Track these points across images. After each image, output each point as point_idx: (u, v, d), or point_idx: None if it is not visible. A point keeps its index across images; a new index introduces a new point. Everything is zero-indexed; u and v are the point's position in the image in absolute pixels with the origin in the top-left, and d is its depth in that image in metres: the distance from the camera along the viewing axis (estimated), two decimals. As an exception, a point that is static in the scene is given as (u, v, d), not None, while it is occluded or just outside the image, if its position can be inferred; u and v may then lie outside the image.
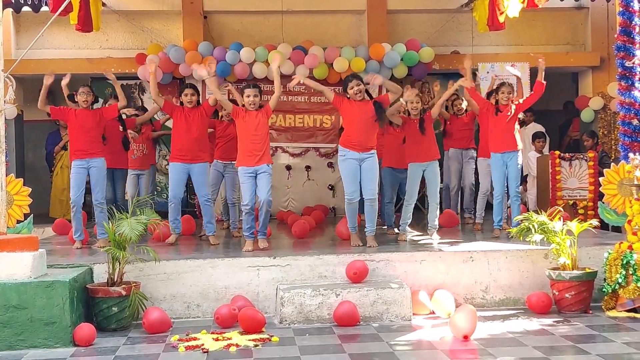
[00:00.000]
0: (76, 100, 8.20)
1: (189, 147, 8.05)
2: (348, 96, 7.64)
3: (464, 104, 9.90)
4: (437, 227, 8.26)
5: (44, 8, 10.73)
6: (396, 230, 8.91)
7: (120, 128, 9.21)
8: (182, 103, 8.20)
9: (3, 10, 6.56)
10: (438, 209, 8.29)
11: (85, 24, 10.42)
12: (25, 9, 11.27)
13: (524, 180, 11.38)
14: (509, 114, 8.27)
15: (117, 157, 9.15)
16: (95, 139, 8.05)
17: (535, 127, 11.91)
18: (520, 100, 8.47)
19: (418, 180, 8.24)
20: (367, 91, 7.68)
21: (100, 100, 9.85)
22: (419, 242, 8.03)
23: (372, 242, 7.55)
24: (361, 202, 7.79)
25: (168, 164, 8.45)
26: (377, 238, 7.68)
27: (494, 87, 8.78)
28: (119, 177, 9.41)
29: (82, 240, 8.14)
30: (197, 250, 7.89)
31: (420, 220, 9.78)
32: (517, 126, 8.40)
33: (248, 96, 7.67)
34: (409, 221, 8.31)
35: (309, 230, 8.89)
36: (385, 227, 9.09)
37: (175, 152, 8.14)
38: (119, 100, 8.20)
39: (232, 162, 9.02)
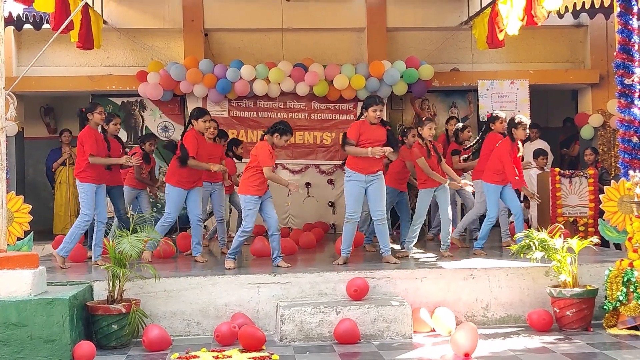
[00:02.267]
0: (89, 118, 8.13)
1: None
2: (365, 115, 7.65)
3: (459, 125, 10.00)
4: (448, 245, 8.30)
5: (45, 26, 10.80)
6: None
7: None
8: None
9: (4, 27, 6.58)
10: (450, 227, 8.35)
11: (87, 42, 10.45)
12: (27, 26, 11.34)
13: (525, 198, 11.36)
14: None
15: (114, 175, 9.05)
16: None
17: (540, 143, 11.90)
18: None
19: (428, 203, 8.34)
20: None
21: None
22: (419, 260, 8.01)
23: (391, 259, 7.57)
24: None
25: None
26: (375, 256, 7.66)
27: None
28: (119, 194, 9.34)
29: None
30: (197, 267, 7.86)
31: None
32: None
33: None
34: (415, 240, 8.32)
35: (297, 250, 8.98)
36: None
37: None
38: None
39: (219, 182, 9.17)
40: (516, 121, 8.44)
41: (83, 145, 7.92)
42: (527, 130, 8.51)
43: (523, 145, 8.87)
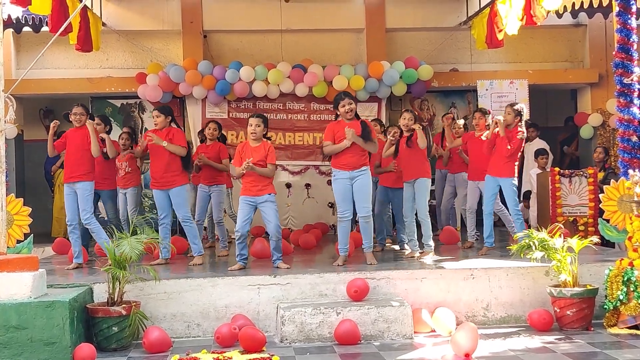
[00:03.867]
0: (70, 120, 8.13)
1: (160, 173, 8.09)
2: (338, 114, 7.65)
3: (460, 122, 10.05)
4: (432, 246, 8.19)
5: (45, 28, 10.80)
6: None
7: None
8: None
9: (4, 30, 6.58)
10: (430, 227, 8.23)
11: (85, 44, 10.46)
12: (26, 29, 11.35)
13: (525, 197, 11.36)
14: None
15: (102, 178, 9.03)
16: (81, 160, 7.98)
17: (539, 143, 11.90)
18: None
19: (410, 197, 8.22)
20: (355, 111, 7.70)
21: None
22: (419, 260, 8.00)
23: (371, 259, 7.55)
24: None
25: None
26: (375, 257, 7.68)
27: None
28: (106, 197, 9.34)
29: (81, 262, 8.10)
30: (197, 269, 7.83)
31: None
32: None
33: (250, 125, 7.72)
34: (415, 237, 8.25)
35: (292, 250, 9.05)
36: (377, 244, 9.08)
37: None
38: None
39: (217, 184, 9.17)
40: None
41: None
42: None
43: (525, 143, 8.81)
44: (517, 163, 8.30)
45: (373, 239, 9.30)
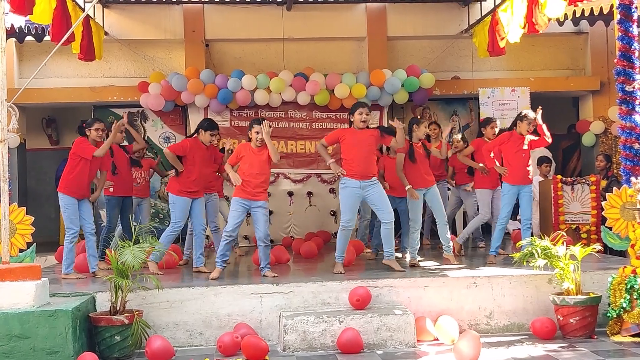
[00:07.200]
0: (86, 133, 7.98)
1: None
2: (352, 121, 7.65)
3: (458, 136, 10.05)
4: (451, 245, 8.27)
5: (47, 38, 10.83)
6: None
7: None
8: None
9: (6, 40, 6.60)
10: (448, 228, 8.31)
11: (88, 53, 10.49)
12: (29, 38, 11.38)
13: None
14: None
15: (128, 186, 9.11)
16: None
17: (541, 151, 11.89)
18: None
19: (420, 205, 8.21)
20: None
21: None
22: (424, 268, 7.99)
23: (395, 265, 7.56)
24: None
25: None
26: (377, 265, 7.66)
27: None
28: (128, 205, 9.34)
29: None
30: (200, 277, 7.82)
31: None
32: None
33: (257, 132, 7.65)
34: (418, 247, 8.25)
35: (288, 259, 9.08)
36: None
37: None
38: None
39: (211, 192, 9.15)
40: (522, 114, 8.39)
41: (79, 153, 7.87)
42: (531, 126, 8.29)
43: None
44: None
45: (367, 245, 9.37)
